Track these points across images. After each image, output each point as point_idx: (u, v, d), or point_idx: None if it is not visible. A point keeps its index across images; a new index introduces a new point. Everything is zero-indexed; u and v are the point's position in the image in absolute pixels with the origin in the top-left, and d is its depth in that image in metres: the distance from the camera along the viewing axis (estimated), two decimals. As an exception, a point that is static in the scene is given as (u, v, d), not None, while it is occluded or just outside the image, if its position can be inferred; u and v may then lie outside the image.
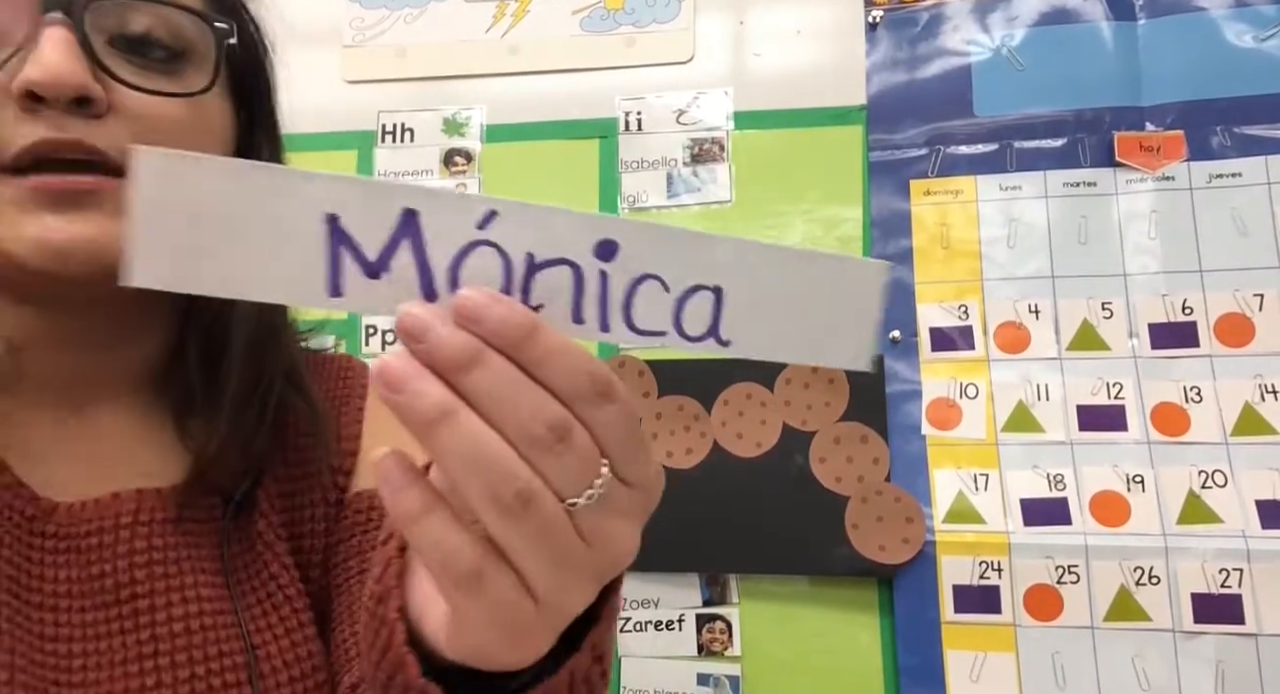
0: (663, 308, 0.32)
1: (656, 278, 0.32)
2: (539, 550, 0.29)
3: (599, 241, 0.31)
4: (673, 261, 0.32)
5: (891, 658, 1.05)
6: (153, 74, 0.45)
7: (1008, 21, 1.17)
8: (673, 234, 0.32)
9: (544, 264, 0.31)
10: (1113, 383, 1.06)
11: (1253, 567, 0.98)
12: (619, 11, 1.26)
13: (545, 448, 0.29)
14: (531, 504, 0.29)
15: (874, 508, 1.06)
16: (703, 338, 0.33)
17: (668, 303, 0.32)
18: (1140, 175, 1.10)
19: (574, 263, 0.31)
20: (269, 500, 0.53)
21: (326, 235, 0.29)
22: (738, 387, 1.13)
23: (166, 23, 0.45)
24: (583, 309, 0.31)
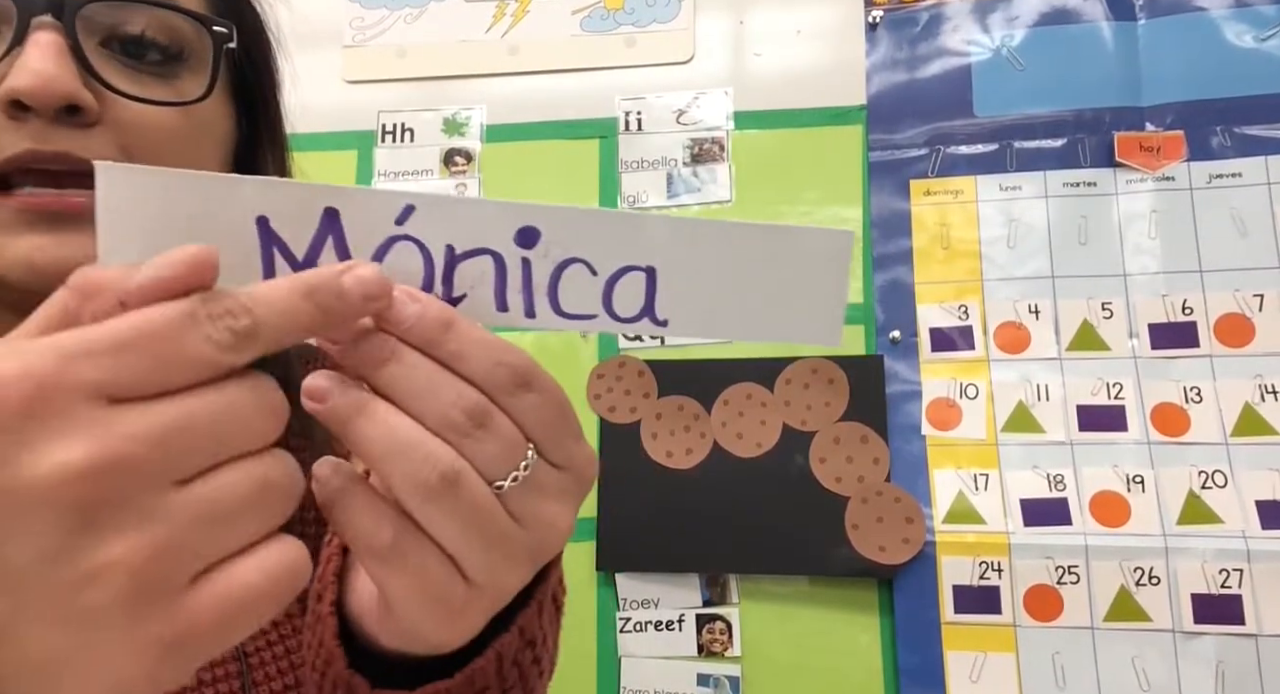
0: (591, 291, 0.32)
1: (582, 261, 0.32)
2: (467, 531, 0.30)
3: (519, 229, 0.31)
4: (598, 244, 0.32)
5: (891, 658, 1.05)
6: (147, 78, 0.43)
7: (1008, 21, 1.17)
8: (596, 217, 0.32)
9: (464, 255, 0.31)
10: (1113, 383, 1.06)
11: (1253, 567, 0.98)
12: (619, 11, 1.26)
13: (465, 433, 0.30)
14: (457, 485, 0.29)
15: (874, 508, 1.06)
16: (636, 318, 0.33)
17: (596, 285, 0.32)
18: (1140, 175, 1.10)
19: (495, 251, 0.31)
20: None
21: (258, 236, 0.30)
22: (738, 387, 1.13)
23: (163, 24, 0.43)
24: (506, 297, 0.32)
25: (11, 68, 0.39)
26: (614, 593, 1.11)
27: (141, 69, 0.43)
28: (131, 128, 0.42)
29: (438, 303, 0.30)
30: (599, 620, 1.11)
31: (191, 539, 0.25)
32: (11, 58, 0.39)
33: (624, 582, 1.11)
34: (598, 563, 1.11)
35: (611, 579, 1.12)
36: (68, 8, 0.40)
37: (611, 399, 1.15)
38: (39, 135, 0.39)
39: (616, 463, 1.13)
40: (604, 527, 1.12)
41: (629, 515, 1.11)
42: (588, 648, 1.10)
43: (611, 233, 0.32)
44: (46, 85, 0.38)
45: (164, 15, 0.43)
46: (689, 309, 0.33)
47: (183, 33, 0.44)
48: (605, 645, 1.10)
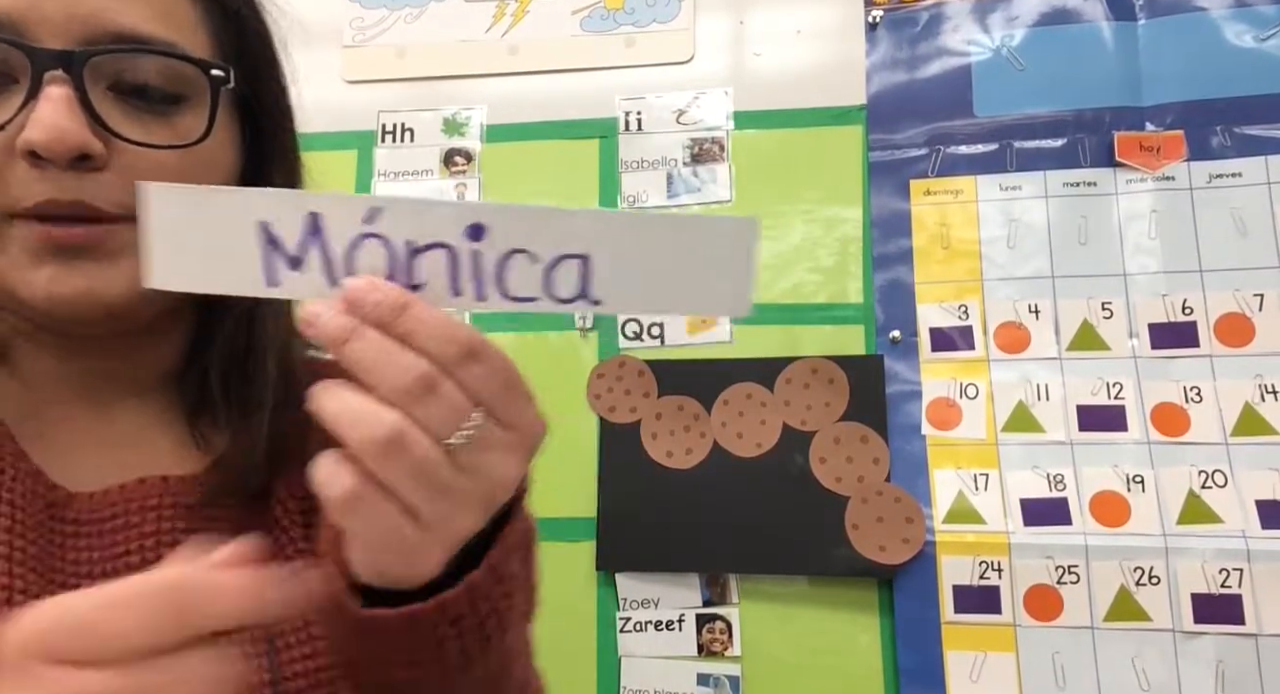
0: (533, 277, 0.38)
1: (524, 251, 0.37)
2: (417, 482, 0.35)
3: (468, 225, 0.37)
4: (537, 236, 0.37)
5: (891, 658, 1.05)
6: (150, 119, 0.47)
7: (1008, 21, 1.17)
8: (534, 212, 0.37)
9: (422, 248, 0.37)
10: (1113, 383, 1.06)
11: (1253, 567, 0.98)
12: (619, 11, 1.26)
13: (414, 398, 0.35)
14: (402, 442, 0.35)
15: (874, 508, 1.06)
16: (574, 300, 0.38)
17: (537, 272, 0.38)
18: (1140, 175, 1.10)
19: (448, 245, 0.37)
20: (287, 488, 0.54)
21: (260, 239, 0.37)
22: (738, 387, 1.13)
23: (165, 70, 0.47)
24: (459, 283, 0.38)
25: (28, 120, 0.44)
26: (614, 593, 1.11)
27: (145, 110, 0.47)
28: (137, 170, 0.46)
29: (396, 289, 0.36)
30: (599, 620, 1.11)
31: None
32: (28, 110, 0.44)
33: (624, 582, 1.11)
34: (598, 563, 1.11)
35: (611, 579, 1.12)
36: (76, 61, 0.44)
37: (611, 399, 1.15)
38: (57, 185, 0.44)
39: (616, 463, 1.13)
40: (604, 527, 1.12)
41: (629, 515, 1.11)
42: (588, 648, 1.10)
43: (548, 226, 0.37)
44: (60, 138, 0.43)
45: (166, 62, 0.47)
46: (620, 290, 0.38)
47: (184, 75, 0.48)
48: (605, 645, 1.10)
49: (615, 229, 0.38)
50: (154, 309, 0.50)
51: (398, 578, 0.38)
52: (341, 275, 0.37)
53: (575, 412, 1.15)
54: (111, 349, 0.51)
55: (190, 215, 0.37)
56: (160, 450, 0.53)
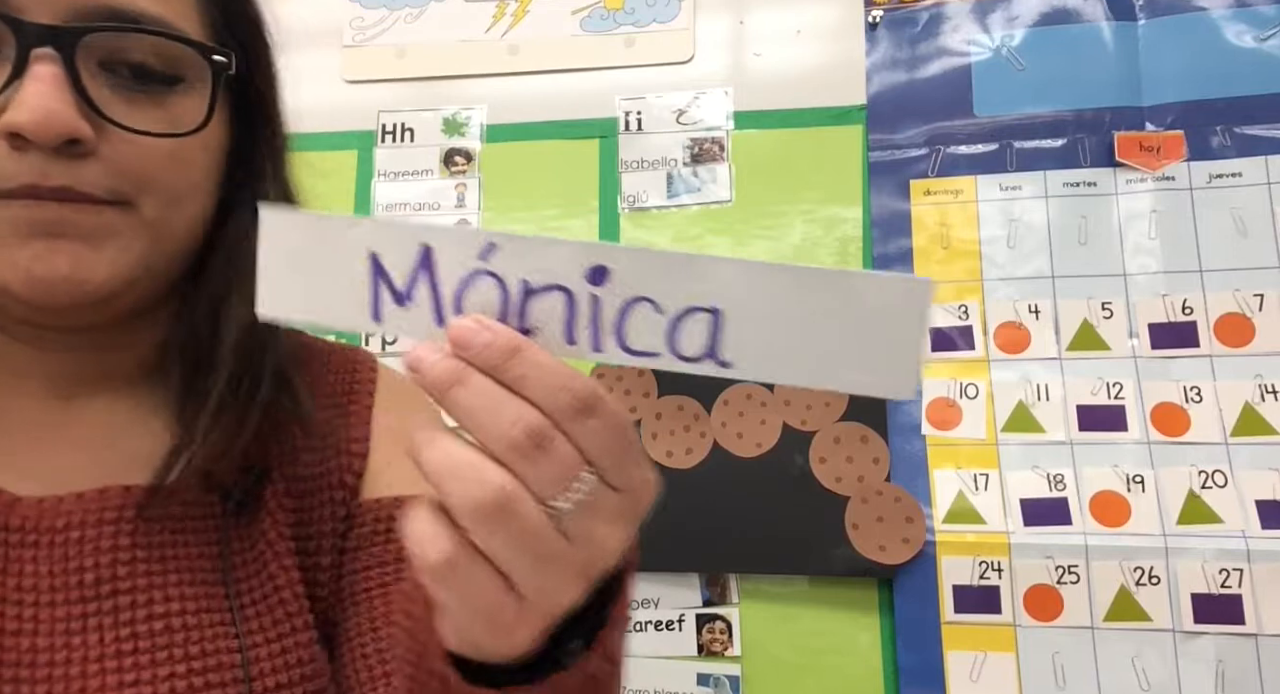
0: (656, 329, 0.34)
1: (649, 300, 0.33)
2: (519, 550, 0.32)
3: (591, 268, 0.33)
4: (666, 285, 0.33)
5: (891, 658, 1.05)
6: (142, 101, 0.44)
7: (1008, 21, 1.17)
8: (666, 258, 0.33)
9: (538, 290, 0.34)
10: (1113, 383, 1.06)
11: (1253, 567, 0.98)
12: (619, 11, 1.26)
13: (522, 454, 0.31)
14: (509, 506, 0.31)
15: (874, 508, 1.06)
16: (700, 358, 0.34)
17: (661, 324, 0.34)
18: (1140, 175, 1.10)
19: (566, 288, 0.33)
20: (277, 500, 0.52)
21: (370, 271, 0.34)
22: (738, 387, 1.13)
23: (162, 51, 0.44)
24: (575, 331, 0.34)
25: (12, 100, 0.40)
26: (614, 593, 1.11)
27: (138, 91, 0.44)
28: (128, 155, 0.43)
29: (508, 331, 0.33)
30: (599, 620, 1.11)
31: None
32: (13, 89, 0.40)
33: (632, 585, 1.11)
34: (598, 563, 1.11)
35: (611, 579, 1.11)
36: (67, 38, 0.40)
37: (611, 399, 1.15)
38: (40, 170, 0.41)
39: (616, 463, 1.13)
40: (604, 527, 1.12)
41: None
42: (588, 648, 1.11)
43: (679, 274, 0.33)
44: (46, 122, 0.39)
45: (164, 43, 0.44)
46: (755, 352, 0.34)
47: (181, 57, 0.45)
48: (605, 645, 1.10)
49: (756, 282, 0.33)
50: (131, 299, 0.47)
51: (487, 652, 0.35)
52: (450, 314, 0.34)
53: (575, 412, 1.15)
54: (86, 342, 0.48)
55: (303, 243, 0.35)
56: (133, 453, 0.49)
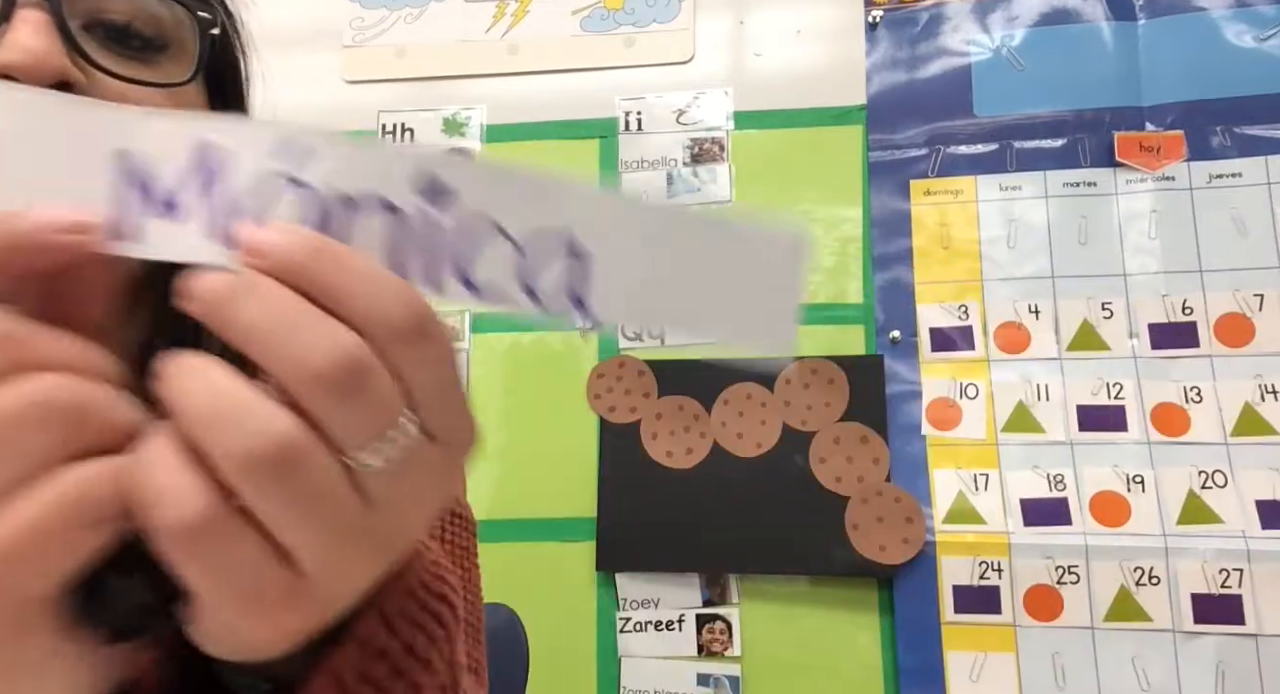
0: (510, 267, 0.28)
1: (504, 232, 0.27)
2: (303, 515, 0.24)
3: (427, 182, 0.27)
4: (526, 214, 0.28)
5: (891, 658, 1.05)
6: (129, 62, 0.43)
7: (1008, 21, 1.17)
8: (524, 182, 0.27)
9: (358, 206, 0.27)
10: (1113, 383, 1.06)
11: (1253, 567, 0.98)
12: (619, 11, 1.26)
13: (329, 391, 0.24)
14: (295, 461, 0.23)
15: (874, 508, 1.06)
16: (562, 306, 0.28)
17: (516, 260, 0.28)
18: (1140, 175, 1.10)
19: (394, 205, 0.27)
20: None
21: (115, 174, 0.26)
22: (738, 387, 1.13)
23: (148, 14, 0.43)
24: (404, 257, 0.27)
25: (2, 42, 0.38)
26: (614, 593, 1.11)
27: (124, 54, 0.43)
28: None
29: (306, 230, 0.26)
30: (599, 620, 1.11)
31: None
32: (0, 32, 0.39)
33: (624, 582, 1.11)
34: (598, 563, 1.11)
35: (611, 579, 1.11)
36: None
37: (611, 399, 1.15)
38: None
39: (616, 463, 1.13)
40: (604, 527, 1.11)
41: (629, 515, 1.11)
42: (588, 648, 1.10)
43: (540, 203, 0.28)
44: (39, 62, 0.38)
45: (147, 3, 0.43)
46: (623, 300, 0.28)
47: (166, 22, 0.44)
48: (605, 645, 1.10)
49: (631, 222, 0.28)
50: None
51: (250, 646, 0.26)
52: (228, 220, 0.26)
53: (575, 412, 1.15)
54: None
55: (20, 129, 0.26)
56: None
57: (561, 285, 0.28)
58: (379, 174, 0.27)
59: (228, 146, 0.26)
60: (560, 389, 1.16)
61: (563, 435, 1.15)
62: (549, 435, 1.16)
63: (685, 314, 0.29)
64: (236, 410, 0.23)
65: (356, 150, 0.27)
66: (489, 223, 0.27)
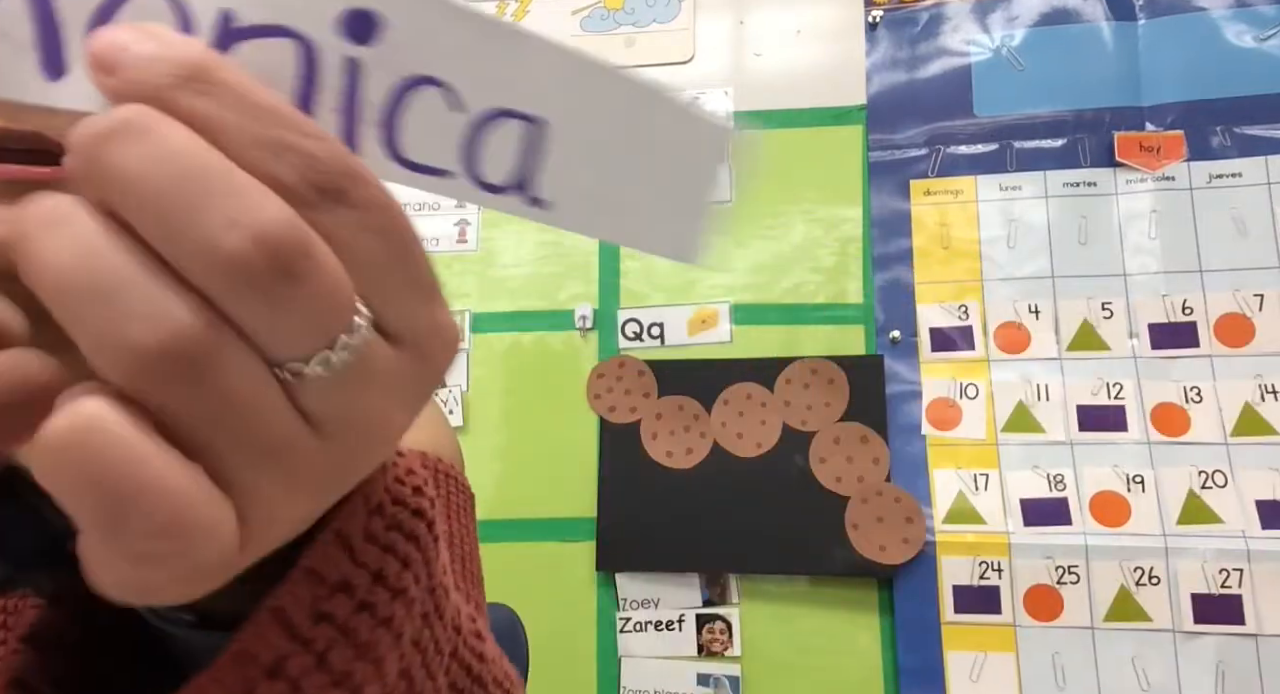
0: (449, 133, 0.21)
1: (441, 84, 0.21)
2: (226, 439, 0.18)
3: (350, 10, 0.20)
4: (470, 63, 0.21)
5: (891, 658, 1.05)
6: None
7: (1008, 21, 1.17)
8: (472, 20, 0.21)
9: (252, 31, 0.19)
10: (1113, 383, 1.06)
11: (1253, 567, 0.98)
12: (619, 11, 1.26)
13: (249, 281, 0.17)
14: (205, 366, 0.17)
15: (874, 508, 1.06)
16: (506, 189, 0.22)
17: (458, 126, 0.21)
18: (1140, 175, 1.10)
19: (303, 36, 0.20)
20: None
21: None
22: (738, 386, 1.13)
23: None
24: (315, 107, 0.20)
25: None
26: (614, 593, 1.11)
27: None
28: None
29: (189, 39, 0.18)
30: (599, 620, 1.11)
31: None
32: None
33: (624, 582, 1.11)
34: (598, 563, 1.11)
35: (611, 579, 1.11)
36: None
37: (611, 399, 1.15)
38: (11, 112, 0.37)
39: (616, 463, 1.13)
40: (604, 526, 1.12)
41: (629, 515, 1.11)
42: (588, 648, 1.10)
43: (491, 50, 0.22)
44: None
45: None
46: (573, 188, 0.23)
47: None
48: (605, 645, 1.10)
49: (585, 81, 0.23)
50: None
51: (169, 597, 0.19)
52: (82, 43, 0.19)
53: (575, 412, 1.15)
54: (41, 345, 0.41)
55: None
56: None
57: (509, 164, 0.22)
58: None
59: None
60: (560, 389, 1.16)
61: (563, 435, 1.15)
62: (549, 435, 1.16)
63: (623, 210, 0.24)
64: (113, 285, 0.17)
65: None
66: (428, 79, 0.21)
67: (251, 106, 0.18)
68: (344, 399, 0.19)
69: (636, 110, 0.24)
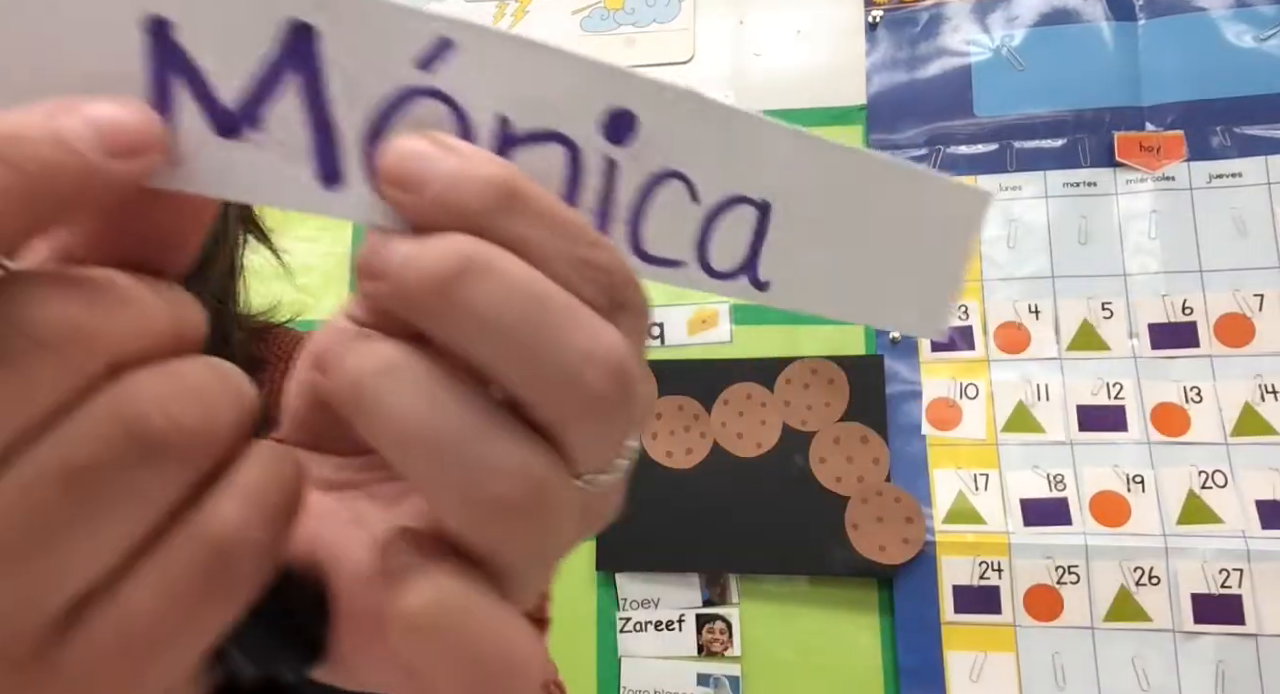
0: (686, 224, 0.21)
1: (683, 178, 0.21)
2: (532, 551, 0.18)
3: (611, 111, 0.20)
4: (709, 153, 0.21)
5: (891, 658, 1.05)
6: None
7: (1008, 21, 1.17)
8: (714, 111, 0.21)
9: (525, 137, 0.19)
10: (1113, 383, 1.06)
11: (1253, 567, 0.98)
12: (619, 11, 1.26)
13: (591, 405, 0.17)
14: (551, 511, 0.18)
15: (874, 508, 1.06)
16: (733, 274, 0.22)
17: (694, 217, 0.21)
18: (1140, 175, 1.10)
19: (571, 140, 0.19)
20: None
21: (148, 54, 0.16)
22: (738, 386, 1.13)
23: None
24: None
25: None
26: (614, 593, 1.11)
27: None
28: None
29: (488, 155, 0.18)
30: (599, 620, 1.11)
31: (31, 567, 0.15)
32: None
33: (624, 582, 1.11)
34: (598, 563, 1.11)
35: (611, 579, 1.12)
36: None
37: (611, 399, 1.15)
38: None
39: (616, 463, 1.13)
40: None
41: (629, 515, 1.11)
42: (588, 648, 1.11)
43: (729, 138, 0.21)
44: None
45: None
46: (797, 268, 0.23)
47: None
48: (605, 645, 1.10)
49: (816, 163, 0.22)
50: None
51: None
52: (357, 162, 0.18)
53: (575, 412, 1.15)
54: None
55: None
56: None
57: (739, 249, 0.22)
58: (557, 91, 0.19)
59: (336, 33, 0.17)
60: (560, 389, 1.16)
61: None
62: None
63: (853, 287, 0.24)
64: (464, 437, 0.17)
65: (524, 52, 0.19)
66: (673, 172, 0.21)
67: (557, 224, 0.18)
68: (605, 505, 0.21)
69: (869, 185, 0.23)
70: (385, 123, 0.18)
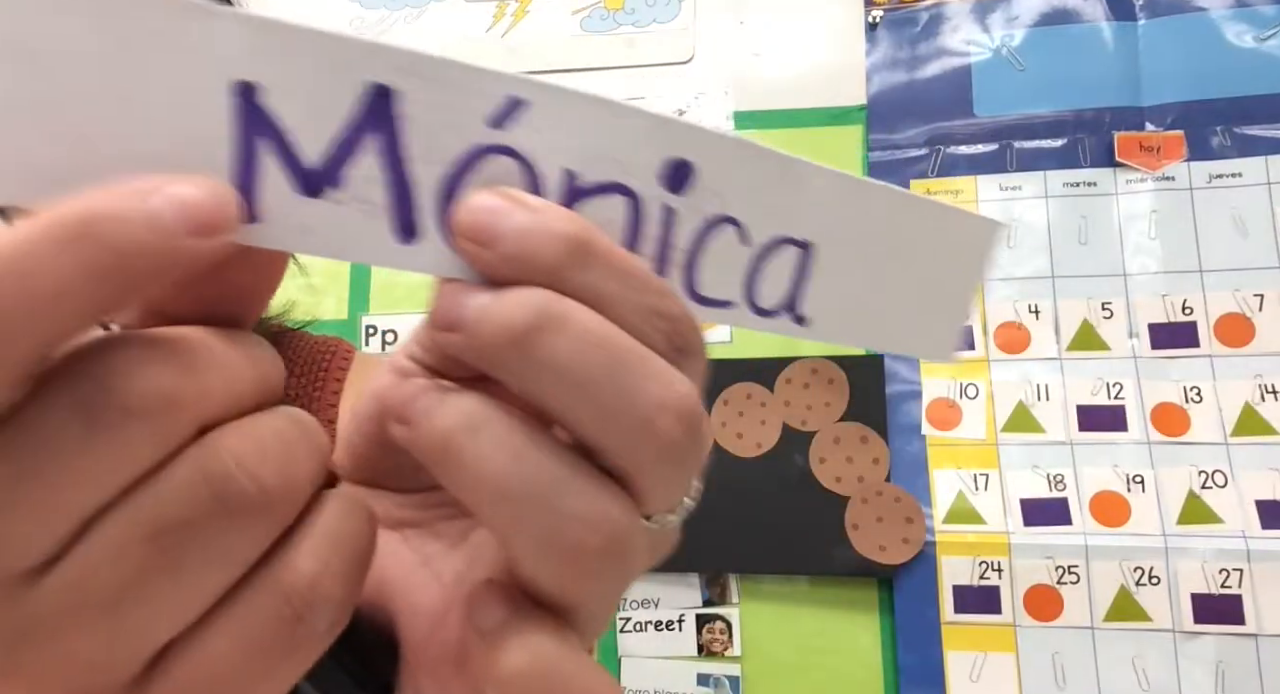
0: (736, 266, 0.22)
1: (736, 223, 0.22)
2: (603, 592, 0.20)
3: (670, 162, 0.20)
4: (760, 198, 0.22)
5: (891, 658, 1.05)
6: None
7: (1008, 21, 1.17)
8: (767, 158, 0.22)
9: (590, 190, 0.20)
10: (1113, 383, 1.06)
11: (1253, 567, 0.98)
12: (619, 11, 1.26)
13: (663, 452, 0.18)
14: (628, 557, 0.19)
15: (874, 508, 1.06)
16: (776, 313, 0.23)
17: (744, 259, 0.22)
18: (1140, 175, 1.10)
19: (631, 190, 0.20)
20: None
21: (236, 117, 0.17)
22: (738, 386, 1.13)
23: None
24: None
25: None
26: (614, 593, 1.11)
27: None
28: None
29: (559, 209, 0.19)
30: (599, 620, 1.11)
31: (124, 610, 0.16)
32: None
33: (624, 582, 1.11)
34: (598, 563, 1.11)
35: (611, 579, 1.11)
36: None
37: (611, 399, 1.15)
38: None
39: (616, 463, 1.13)
40: (604, 527, 1.11)
41: (629, 515, 1.11)
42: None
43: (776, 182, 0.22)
44: None
45: None
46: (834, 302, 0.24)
47: None
48: (605, 645, 1.10)
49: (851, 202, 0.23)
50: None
51: None
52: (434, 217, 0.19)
53: (575, 412, 1.15)
54: None
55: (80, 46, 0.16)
56: None
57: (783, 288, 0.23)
58: (619, 145, 0.20)
59: (414, 93, 0.18)
60: (560, 389, 1.16)
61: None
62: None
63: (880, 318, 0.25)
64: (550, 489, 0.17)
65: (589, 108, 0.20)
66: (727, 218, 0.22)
67: (626, 274, 0.19)
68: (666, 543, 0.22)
69: (895, 219, 0.24)
70: (459, 179, 0.19)
